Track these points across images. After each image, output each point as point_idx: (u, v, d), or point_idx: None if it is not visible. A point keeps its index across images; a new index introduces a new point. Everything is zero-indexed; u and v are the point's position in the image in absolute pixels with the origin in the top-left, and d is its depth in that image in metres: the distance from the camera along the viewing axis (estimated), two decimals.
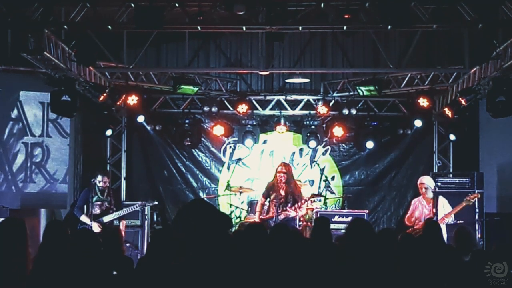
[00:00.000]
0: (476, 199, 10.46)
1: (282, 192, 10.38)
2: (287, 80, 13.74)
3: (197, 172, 13.90)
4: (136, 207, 10.60)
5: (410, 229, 10.01)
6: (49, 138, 12.33)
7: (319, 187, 12.28)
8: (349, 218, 11.27)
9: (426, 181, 10.33)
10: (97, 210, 9.88)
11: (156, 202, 11.22)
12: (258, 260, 4.61)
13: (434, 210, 9.94)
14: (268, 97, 13.75)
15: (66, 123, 12.49)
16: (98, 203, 9.90)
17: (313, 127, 13.53)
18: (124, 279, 5.29)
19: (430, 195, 10.18)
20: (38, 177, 12.23)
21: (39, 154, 12.24)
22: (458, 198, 10.24)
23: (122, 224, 10.05)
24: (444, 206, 9.98)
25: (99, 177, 9.94)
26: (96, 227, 9.64)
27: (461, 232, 6.82)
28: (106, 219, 9.85)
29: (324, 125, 13.70)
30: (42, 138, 12.31)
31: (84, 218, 9.76)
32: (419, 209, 10.21)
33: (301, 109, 13.72)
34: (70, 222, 10.01)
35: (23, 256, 4.87)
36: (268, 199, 10.49)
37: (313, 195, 11.12)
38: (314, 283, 4.70)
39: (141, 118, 13.11)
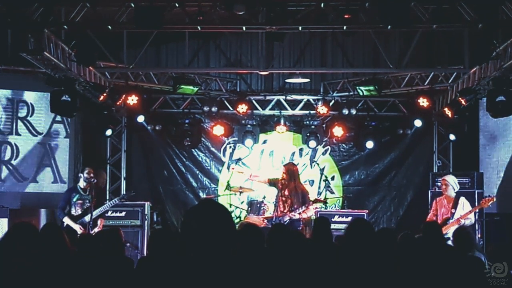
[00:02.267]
0: (477, 197, 10.39)
1: (286, 192, 10.40)
2: (287, 80, 13.74)
3: (197, 172, 13.90)
4: (116, 201, 10.36)
5: None
6: (19, 136, 12.22)
7: (319, 187, 12.28)
8: (349, 218, 11.28)
9: (449, 178, 10.09)
10: (78, 210, 9.80)
11: (133, 193, 11.11)
12: (256, 261, 4.61)
13: (452, 210, 9.78)
14: (268, 97, 13.75)
15: (36, 121, 12.27)
16: (80, 201, 9.83)
17: (313, 127, 13.53)
18: (124, 279, 5.29)
19: (450, 193, 9.91)
20: (6, 175, 12.06)
21: (8, 152, 12.10)
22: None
23: (101, 222, 9.87)
24: (464, 207, 9.79)
25: (87, 169, 9.95)
26: (78, 229, 9.59)
27: (460, 233, 6.80)
28: (88, 218, 9.68)
29: (324, 125, 13.71)
30: (11, 136, 12.15)
31: (66, 220, 9.71)
32: (438, 207, 9.97)
33: (301, 109, 13.72)
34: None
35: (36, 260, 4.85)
36: (277, 195, 10.53)
37: (316, 200, 11.12)
38: (314, 283, 4.70)
39: (141, 118, 13.11)
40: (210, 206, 3.06)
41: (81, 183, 9.97)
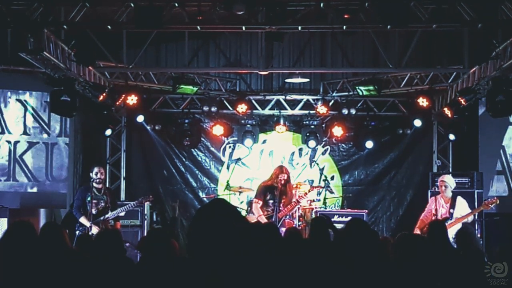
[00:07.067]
0: (477, 197, 10.39)
1: (276, 193, 10.46)
2: (286, 80, 13.74)
3: (197, 172, 13.90)
4: (134, 205, 10.33)
5: (418, 229, 9.69)
6: None
7: None
8: (349, 218, 11.27)
9: (447, 179, 10.11)
10: (93, 210, 9.57)
11: (152, 197, 10.98)
12: (255, 261, 4.60)
13: (451, 210, 9.78)
14: (267, 97, 13.75)
15: None
16: (94, 201, 9.58)
17: (312, 127, 13.53)
18: (124, 279, 5.28)
19: (449, 194, 9.96)
20: None
21: None
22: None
23: (117, 226, 9.69)
24: (462, 206, 9.79)
25: (95, 169, 9.71)
26: (95, 230, 9.31)
27: (464, 233, 6.77)
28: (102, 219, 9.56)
29: (323, 125, 13.71)
30: None
31: (83, 220, 9.44)
32: (434, 207, 9.98)
33: (301, 109, 13.72)
34: (68, 223, 9.85)
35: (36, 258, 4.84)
36: (275, 196, 10.56)
37: (313, 188, 11.29)
38: (313, 283, 4.70)
39: (140, 118, 13.11)
40: (221, 206, 3.03)
41: (94, 183, 9.72)
